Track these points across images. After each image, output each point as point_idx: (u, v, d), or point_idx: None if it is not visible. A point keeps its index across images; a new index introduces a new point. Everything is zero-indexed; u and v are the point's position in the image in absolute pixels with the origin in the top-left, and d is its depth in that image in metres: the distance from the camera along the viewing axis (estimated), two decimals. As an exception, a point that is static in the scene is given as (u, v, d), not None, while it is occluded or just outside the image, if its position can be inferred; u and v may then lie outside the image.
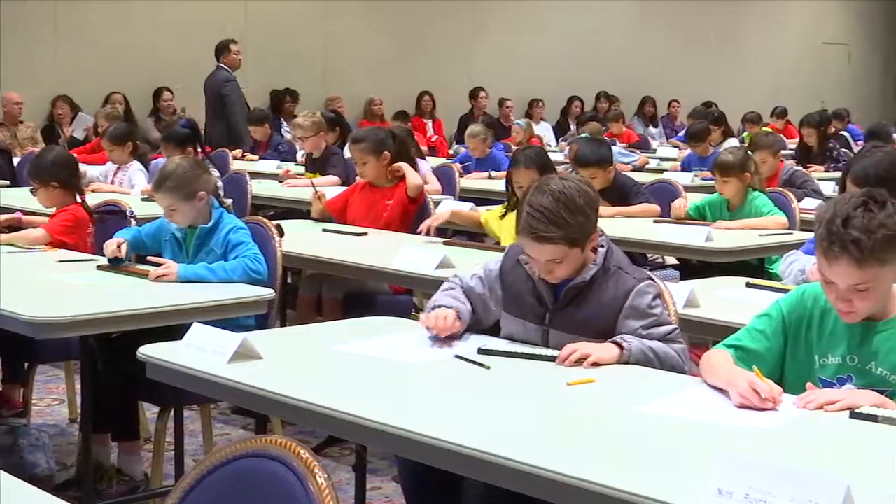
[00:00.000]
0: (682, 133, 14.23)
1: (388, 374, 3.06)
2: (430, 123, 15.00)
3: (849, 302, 2.76)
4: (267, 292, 4.18)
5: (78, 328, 3.71)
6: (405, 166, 5.96)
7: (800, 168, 8.80)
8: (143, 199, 6.72)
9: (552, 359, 3.11)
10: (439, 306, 3.37)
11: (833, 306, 2.84)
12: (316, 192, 6.22)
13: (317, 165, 8.37)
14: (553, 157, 11.24)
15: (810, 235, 4.47)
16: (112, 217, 5.32)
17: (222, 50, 11.49)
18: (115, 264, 4.44)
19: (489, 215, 5.80)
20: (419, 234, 5.65)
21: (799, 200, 6.74)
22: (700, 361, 3.00)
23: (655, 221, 6.23)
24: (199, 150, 7.21)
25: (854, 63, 21.20)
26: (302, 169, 8.89)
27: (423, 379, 3.03)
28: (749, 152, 6.57)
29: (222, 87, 11.27)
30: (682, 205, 6.40)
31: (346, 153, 7.83)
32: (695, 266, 6.12)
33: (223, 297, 4.07)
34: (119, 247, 4.45)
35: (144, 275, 4.29)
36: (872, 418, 2.58)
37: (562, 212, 3.17)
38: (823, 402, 2.67)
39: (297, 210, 7.23)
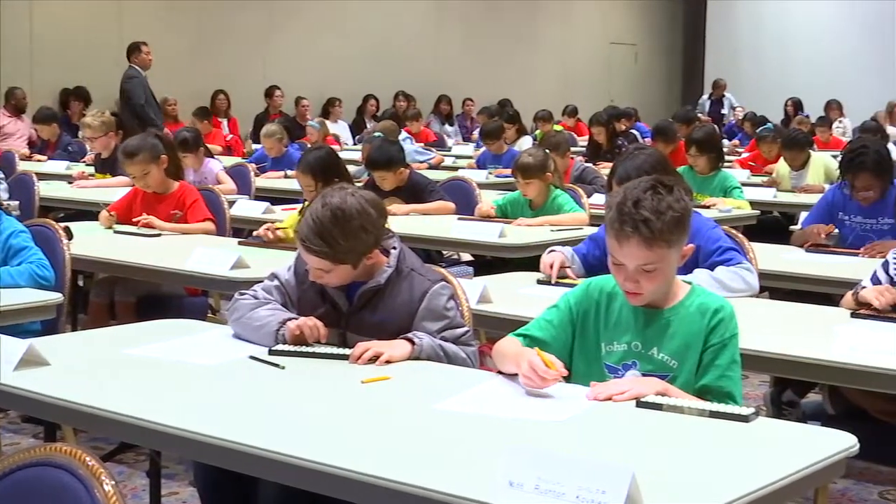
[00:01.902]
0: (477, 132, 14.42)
1: (181, 377, 3.01)
2: (225, 123, 14.81)
3: (636, 283, 2.86)
4: (55, 296, 4.07)
5: None
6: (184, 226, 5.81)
7: (590, 165, 9.01)
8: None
9: (346, 357, 3.12)
10: (283, 322, 3.26)
11: (620, 289, 2.93)
12: (106, 212, 6.03)
13: (107, 166, 8.18)
14: (351, 155, 11.35)
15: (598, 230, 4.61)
16: None
17: (133, 51, 12.19)
18: None
19: (289, 222, 5.69)
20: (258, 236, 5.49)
21: (589, 196, 6.91)
22: (492, 351, 3.06)
23: (460, 219, 6.29)
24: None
25: (640, 63, 21.82)
26: (94, 170, 8.68)
27: (216, 381, 3.00)
28: (547, 151, 6.69)
29: (126, 82, 11.94)
30: (490, 206, 6.48)
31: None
32: (490, 262, 6.22)
33: (7, 302, 3.94)
34: None
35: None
36: (657, 407, 2.66)
37: (334, 230, 3.18)
38: (612, 393, 2.74)
39: (87, 212, 7.06)
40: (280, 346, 3.20)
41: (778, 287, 5.00)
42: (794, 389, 5.17)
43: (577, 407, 2.69)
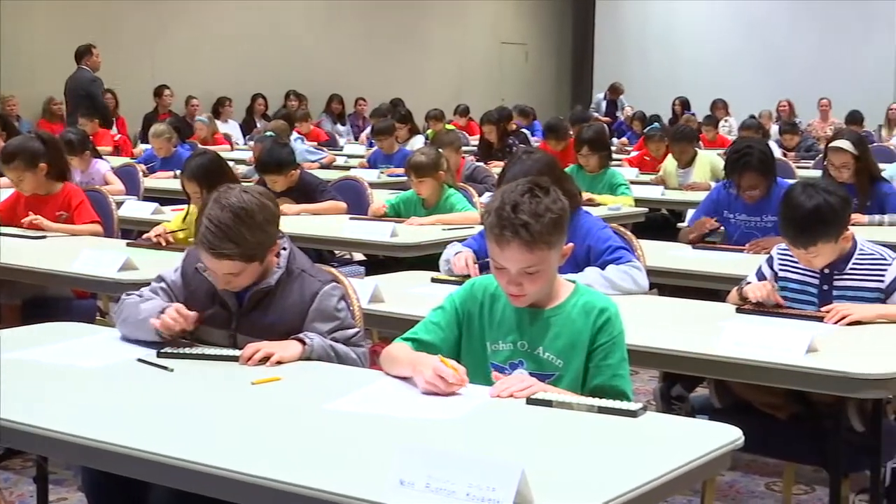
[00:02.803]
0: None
1: (68, 381, 2.97)
2: (113, 122, 14.57)
3: (519, 286, 2.88)
4: (-64, 301, 3.98)
5: None
6: (71, 227, 5.69)
7: (481, 164, 9.06)
8: None
9: (236, 358, 3.10)
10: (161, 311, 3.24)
11: (504, 292, 2.95)
12: None
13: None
14: (242, 155, 11.28)
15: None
16: None
17: (84, 53, 12.45)
18: None
19: (175, 223, 5.61)
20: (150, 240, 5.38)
21: (480, 195, 6.94)
22: (381, 356, 3.05)
23: (351, 219, 6.27)
24: None
25: (531, 62, 21.97)
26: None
27: (104, 384, 2.95)
28: (440, 150, 6.70)
29: (90, 85, 12.29)
30: (383, 206, 6.48)
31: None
32: (382, 261, 6.21)
33: None
34: None
35: None
36: (547, 403, 2.68)
37: (241, 229, 3.15)
38: (515, 390, 2.76)
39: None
40: (169, 349, 3.17)
41: (666, 283, 5.07)
42: (682, 384, 5.25)
43: (468, 405, 2.70)
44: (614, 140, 15.78)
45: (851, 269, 3.87)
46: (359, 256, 7.03)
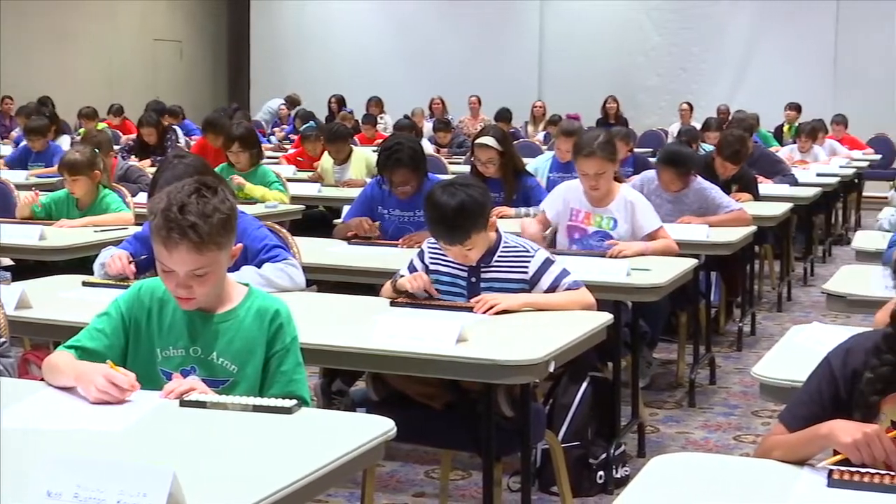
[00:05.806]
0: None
1: None
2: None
3: (189, 288, 2.82)
4: None
5: None
6: None
7: (135, 163, 8.88)
8: None
9: None
10: None
11: (172, 296, 2.88)
12: None
13: None
14: None
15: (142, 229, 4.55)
16: None
17: None
18: None
19: None
20: None
21: (134, 195, 6.80)
22: (42, 366, 2.94)
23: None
24: None
25: (186, 59, 21.65)
26: None
27: None
28: (96, 150, 6.51)
29: None
30: (28, 200, 6.24)
31: None
32: (33, 266, 5.99)
33: None
34: None
35: None
36: (201, 405, 2.66)
37: None
38: (182, 391, 2.71)
39: None
40: None
41: (324, 279, 5.13)
42: (343, 379, 5.35)
43: (136, 413, 2.62)
44: (272, 139, 15.79)
45: (497, 261, 4.02)
46: (7, 261, 6.74)
